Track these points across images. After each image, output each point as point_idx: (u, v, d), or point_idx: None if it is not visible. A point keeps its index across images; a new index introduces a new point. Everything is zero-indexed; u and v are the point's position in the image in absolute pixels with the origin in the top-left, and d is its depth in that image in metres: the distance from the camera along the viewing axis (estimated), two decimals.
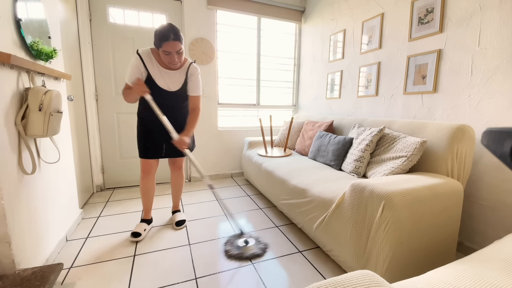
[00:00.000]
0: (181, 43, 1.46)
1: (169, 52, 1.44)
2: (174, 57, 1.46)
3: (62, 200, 1.59)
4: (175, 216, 1.90)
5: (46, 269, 1.09)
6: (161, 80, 1.56)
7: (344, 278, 0.53)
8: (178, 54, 1.47)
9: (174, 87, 1.60)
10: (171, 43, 1.41)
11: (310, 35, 3.07)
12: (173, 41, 1.41)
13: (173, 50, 1.44)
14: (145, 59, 1.52)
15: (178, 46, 1.44)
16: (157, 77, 1.55)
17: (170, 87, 1.59)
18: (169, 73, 1.57)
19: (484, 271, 0.65)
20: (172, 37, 1.40)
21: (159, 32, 1.41)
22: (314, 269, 1.38)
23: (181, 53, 1.49)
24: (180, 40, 1.45)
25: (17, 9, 1.13)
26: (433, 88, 1.70)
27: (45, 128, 1.20)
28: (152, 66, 1.54)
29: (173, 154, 1.73)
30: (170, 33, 1.40)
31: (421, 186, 1.19)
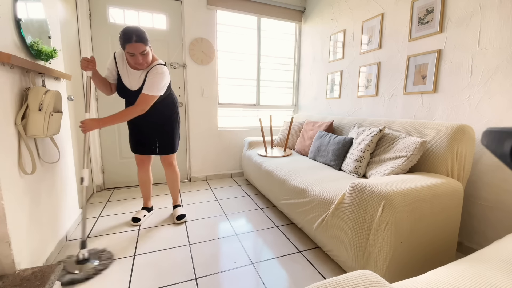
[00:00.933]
0: (145, 44, 1.49)
1: (132, 54, 1.49)
2: (139, 58, 1.51)
3: (62, 200, 1.59)
4: (176, 211, 1.97)
5: (46, 269, 1.09)
6: (126, 80, 1.65)
7: (344, 278, 0.53)
8: (142, 55, 1.51)
9: (135, 86, 1.65)
10: (133, 45, 1.45)
11: (310, 35, 3.07)
12: (135, 43, 1.45)
13: (136, 52, 1.48)
14: (117, 59, 1.63)
15: (141, 48, 1.48)
16: (124, 76, 1.64)
17: (132, 87, 1.65)
18: (133, 73, 1.63)
19: (484, 271, 0.65)
20: (134, 39, 1.44)
21: (123, 34, 1.45)
22: (314, 269, 1.38)
23: (146, 54, 1.52)
24: (143, 42, 1.48)
25: (17, 9, 1.13)
26: (433, 88, 1.70)
27: (45, 128, 1.20)
28: (122, 66, 1.63)
29: (159, 151, 1.82)
30: (133, 35, 1.44)
31: (421, 186, 1.19)
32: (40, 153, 1.34)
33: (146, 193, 1.97)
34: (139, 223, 1.86)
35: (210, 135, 2.99)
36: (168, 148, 1.83)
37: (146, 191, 1.96)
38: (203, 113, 2.91)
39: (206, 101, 2.90)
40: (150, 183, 1.95)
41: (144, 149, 1.80)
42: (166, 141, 1.82)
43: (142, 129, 1.78)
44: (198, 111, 2.88)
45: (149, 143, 1.79)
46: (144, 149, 1.80)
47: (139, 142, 1.80)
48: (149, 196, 1.98)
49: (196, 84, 2.82)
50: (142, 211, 1.95)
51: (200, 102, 2.88)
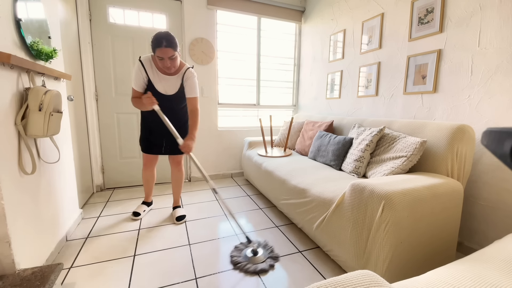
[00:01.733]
0: (174, 49, 1.56)
1: (162, 58, 1.56)
2: (167, 62, 1.57)
3: (62, 200, 1.59)
4: (176, 212, 2.00)
5: (46, 269, 1.09)
6: (159, 85, 1.71)
7: (344, 278, 0.53)
8: (170, 60, 1.58)
9: (171, 91, 1.74)
10: (163, 50, 1.52)
11: (310, 35, 3.07)
12: (165, 48, 1.52)
13: (165, 56, 1.55)
14: (146, 65, 1.67)
15: (170, 52, 1.55)
16: (156, 82, 1.70)
17: (167, 91, 1.74)
18: (166, 78, 1.71)
19: (484, 271, 0.65)
20: (164, 43, 1.52)
21: (154, 39, 1.54)
22: (314, 269, 1.38)
23: (174, 58, 1.59)
24: (172, 47, 1.55)
25: (17, 9, 1.13)
26: (433, 88, 1.69)
27: (45, 128, 1.20)
28: (152, 72, 1.69)
29: (172, 151, 1.90)
30: (163, 40, 1.51)
31: (421, 186, 1.19)
32: (40, 153, 1.34)
33: (148, 190, 2.06)
34: (139, 217, 1.95)
35: (210, 135, 2.99)
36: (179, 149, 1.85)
37: (149, 188, 2.05)
38: (203, 113, 2.91)
39: (206, 101, 2.90)
40: (154, 181, 2.05)
41: (156, 149, 1.88)
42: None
43: (157, 131, 1.84)
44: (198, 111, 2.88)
45: (162, 144, 1.87)
46: (156, 150, 1.88)
47: (152, 143, 1.86)
48: (151, 192, 2.09)
49: None
50: (142, 205, 2.05)
51: (200, 102, 2.88)
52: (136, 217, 1.94)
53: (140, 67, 1.66)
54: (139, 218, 1.95)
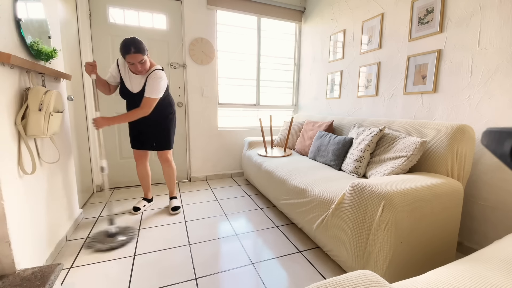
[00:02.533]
0: (143, 54, 1.66)
1: (132, 63, 1.67)
2: (138, 66, 1.69)
3: (62, 200, 1.59)
4: (171, 203, 2.14)
5: (46, 269, 1.09)
6: (128, 83, 1.84)
7: (344, 278, 0.53)
8: (140, 64, 1.69)
9: (136, 89, 1.84)
10: (132, 56, 1.63)
11: (310, 35, 3.07)
12: (133, 54, 1.62)
13: (135, 61, 1.66)
14: (120, 65, 1.83)
15: (138, 57, 1.65)
16: (126, 80, 1.83)
17: (133, 89, 1.84)
18: (134, 78, 1.82)
19: (484, 271, 0.65)
20: (132, 50, 1.62)
21: (122, 46, 1.63)
22: (314, 269, 1.38)
23: (143, 62, 1.70)
24: (140, 52, 1.65)
25: (17, 9, 1.13)
26: (433, 88, 1.69)
27: (45, 128, 1.20)
28: (124, 71, 1.82)
29: (156, 147, 1.99)
30: (131, 46, 1.61)
31: (421, 186, 1.19)
32: (40, 153, 1.34)
33: (146, 186, 2.16)
34: (139, 212, 2.05)
35: (210, 135, 2.99)
36: (164, 144, 2.00)
37: (146, 184, 2.15)
38: (203, 113, 2.91)
39: (206, 101, 2.90)
40: (148, 176, 2.14)
41: (142, 145, 1.98)
42: (163, 138, 1.98)
43: (141, 127, 1.95)
44: (198, 111, 2.88)
45: (147, 140, 1.97)
46: (142, 145, 1.98)
47: (138, 139, 1.97)
48: (148, 188, 2.17)
49: (196, 84, 2.82)
50: (143, 201, 2.15)
51: (200, 102, 2.88)
52: (136, 212, 2.04)
53: (115, 66, 1.82)
54: (139, 212, 2.05)
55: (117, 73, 1.83)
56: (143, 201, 2.15)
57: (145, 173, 2.09)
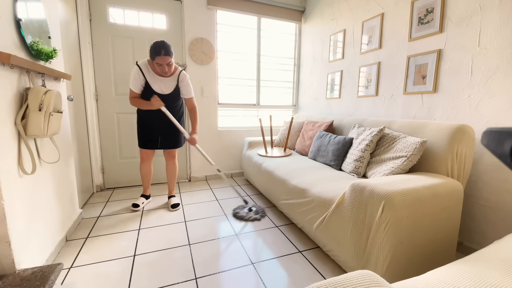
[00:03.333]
0: (171, 57, 1.78)
1: (160, 64, 1.78)
2: (165, 67, 1.80)
3: (62, 200, 1.59)
4: (171, 200, 2.21)
5: (46, 269, 1.09)
6: (156, 86, 1.91)
7: (344, 278, 0.53)
8: (168, 66, 1.81)
9: (167, 90, 1.95)
10: (162, 57, 1.74)
11: (310, 35, 3.07)
12: (163, 56, 1.74)
13: (163, 63, 1.77)
14: (143, 69, 1.87)
15: (167, 60, 1.77)
16: (153, 83, 1.90)
17: (163, 91, 1.94)
18: (162, 80, 1.92)
19: (484, 271, 0.65)
20: (163, 52, 1.73)
21: (153, 48, 1.75)
22: (314, 269, 1.38)
23: (171, 64, 1.83)
24: (169, 55, 1.77)
25: (17, 9, 1.13)
26: (433, 88, 1.69)
27: (45, 128, 1.20)
28: (149, 74, 1.89)
29: (167, 146, 2.08)
30: (162, 49, 1.73)
31: (421, 186, 1.19)
32: (40, 153, 1.34)
33: (147, 183, 2.22)
34: (138, 208, 2.11)
35: (210, 135, 2.99)
36: (174, 143, 2.09)
37: (147, 182, 2.22)
38: (203, 113, 2.91)
39: (206, 101, 2.90)
40: (151, 174, 2.22)
41: (153, 144, 2.05)
42: (174, 137, 2.08)
43: (153, 127, 2.02)
44: (198, 111, 2.88)
45: (157, 139, 2.04)
46: (153, 145, 2.05)
47: (149, 138, 2.03)
48: (148, 185, 2.25)
49: (196, 84, 2.82)
50: (141, 198, 2.20)
51: (200, 102, 2.88)
52: (135, 208, 2.10)
53: (138, 71, 1.86)
54: (138, 209, 2.11)
55: (142, 77, 1.87)
56: (142, 198, 2.21)
57: (149, 171, 2.18)
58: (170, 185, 2.24)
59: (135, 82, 1.87)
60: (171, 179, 2.22)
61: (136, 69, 1.86)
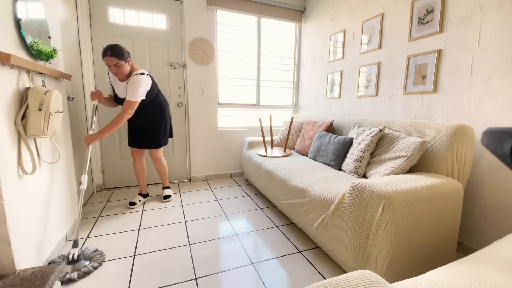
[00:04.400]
0: (118, 58, 1.77)
1: (108, 66, 1.80)
2: (113, 69, 1.81)
3: (62, 200, 1.59)
4: (164, 192, 2.36)
5: (46, 269, 1.09)
6: (117, 89, 2.00)
7: (344, 278, 0.53)
8: (116, 67, 1.80)
9: (122, 94, 1.98)
10: (107, 58, 1.76)
11: (310, 35, 3.07)
12: (109, 57, 1.75)
13: (110, 63, 1.78)
14: (110, 74, 1.99)
15: (113, 61, 1.77)
16: (116, 87, 1.99)
17: (121, 95, 1.99)
18: (120, 84, 1.96)
19: (484, 271, 0.65)
20: (108, 53, 1.75)
21: (102, 50, 1.80)
22: (314, 269, 1.38)
23: (119, 66, 1.80)
24: (116, 56, 1.76)
25: (17, 9, 1.13)
26: (433, 88, 1.69)
27: (45, 128, 1.19)
28: (113, 78, 1.98)
29: (146, 145, 2.15)
30: (108, 50, 1.75)
31: (421, 186, 1.19)
32: (40, 153, 1.34)
33: (142, 181, 2.28)
34: (135, 206, 2.17)
35: (210, 135, 2.99)
36: (153, 144, 2.16)
37: (142, 180, 2.28)
38: (203, 113, 2.91)
39: (206, 101, 2.90)
40: (144, 172, 2.27)
41: (135, 143, 2.15)
42: (152, 138, 2.14)
43: (135, 127, 2.13)
44: (198, 111, 2.88)
45: (138, 139, 2.14)
46: (135, 143, 2.15)
47: (132, 137, 2.15)
48: (144, 184, 2.30)
49: (196, 84, 2.82)
50: (138, 196, 2.26)
51: (200, 102, 2.88)
52: (132, 206, 2.16)
53: (107, 73, 2.01)
54: (135, 207, 2.17)
55: (108, 80, 2.01)
56: (139, 196, 2.26)
57: (141, 168, 2.23)
58: (161, 178, 2.39)
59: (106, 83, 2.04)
60: (160, 175, 2.36)
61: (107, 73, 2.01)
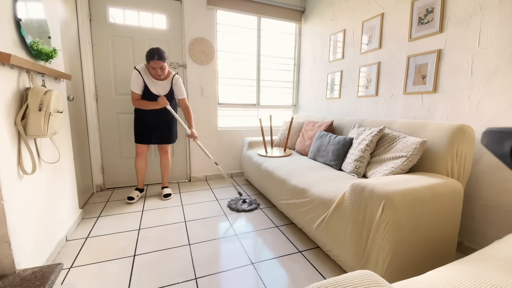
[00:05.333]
0: (163, 61, 2.01)
1: (154, 68, 2.01)
2: (158, 71, 2.04)
3: (62, 200, 1.59)
4: (163, 191, 2.42)
5: (46, 269, 1.09)
6: (153, 88, 2.15)
7: (344, 278, 0.53)
8: (161, 69, 2.04)
9: (163, 92, 2.20)
10: (155, 62, 1.98)
11: (310, 35, 3.07)
12: (156, 60, 1.98)
13: (157, 66, 2.01)
14: (142, 72, 2.11)
15: (160, 64, 2.01)
16: (150, 85, 2.14)
17: (159, 92, 2.19)
18: (158, 82, 2.16)
19: (484, 271, 0.65)
20: (156, 57, 1.97)
21: (148, 53, 1.99)
22: (314, 269, 1.38)
23: (164, 68, 2.05)
24: (162, 59, 2.00)
25: (17, 9, 1.13)
26: (433, 88, 1.70)
27: (45, 128, 1.20)
28: (147, 77, 2.13)
29: (161, 141, 2.29)
30: (155, 54, 1.97)
31: (421, 186, 1.19)
32: (40, 153, 1.34)
33: (141, 177, 2.38)
34: (134, 201, 2.27)
35: (210, 135, 2.99)
36: (167, 139, 2.31)
37: (142, 176, 2.38)
38: (203, 113, 2.91)
39: (206, 101, 2.90)
40: (145, 169, 2.38)
41: (147, 139, 2.23)
42: (168, 133, 2.31)
43: (149, 123, 2.22)
44: (198, 111, 2.88)
45: (152, 135, 2.24)
46: (147, 140, 2.23)
47: (144, 134, 2.23)
48: (143, 180, 2.41)
49: (196, 84, 2.82)
50: (136, 191, 2.35)
51: (200, 102, 2.88)
52: (130, 201, 2.24)
53: (138, 74, 2.09)
54: (134, 202, 2.26)
55: (142, 81, 2.12)
56: (136, 191, 2.35)
57: (144, 165, 2.35)
58: (163, 177, 2.45)
59: (136, 84, 2.10)
60: (164, 172, 2.43)
61: (135, 72, 2.09)
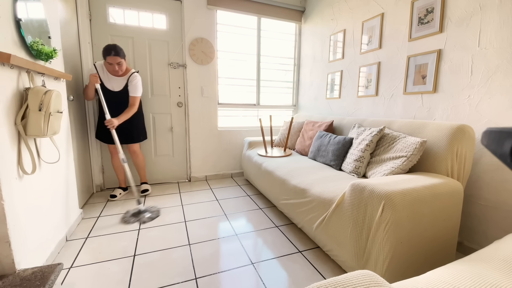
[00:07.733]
0: (120, 57, 2.02)
1: (111, 63, 2.03)
2: (115, 66, 2.05)
3: (62, 200, 1.59)
4: (141, 186, 2.52)
5: (46, 269, 1.09)
6: (108, 83, 2.17)
7: (344, 278, 0.53)
8: (118, 65, 2.05)
9: (118, 88, 2.19)
10: (112, 57, 1.99)
11: (310, 35, 3.07)
12: (113, 56, 1.99)
13: (113, 62, 2.02)
14: (98, 69, 2.14)
15: (117, 59, 2.01)
16: (106, 81, 2.16)
17: (114, 88, 2.19)
18: (114, 78, 2.17)
19: (484, 271, 0.65)
20: (113, 53, 1.98)
21: (104, 49, 1.99)
22: (314, 269, 1.38)
23: (121, 64, 2.06)
24: (118, 55, 2.01)
25: (17, 9, 1.13)
26: (433, 88, 1.70)
27: (45, 128, 1.20)
28: (103, 73, 2.15)
29: (124, 141, 2.28)
30: (112, 50, 1.98)
31: (421, 186, 1.19)
32: (40, 153, 1.34)
33: (121, 176, 2.43)
34: (116, 199, 2.33)
35: (210, 135, 2.99)
36: (140, 137, 2.37)
37: (121, 175, 2.43)
38: (203, 113, 2.91)
39: (206, 101, 2.90)
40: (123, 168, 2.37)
41: (122, 139, 2.23)
42: (139, 131, 2.35)
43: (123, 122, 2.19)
44: (198, 111, 2.88)
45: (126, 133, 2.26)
46: (122, 139, 2.23)
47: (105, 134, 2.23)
48: (123, 179, 2.46)
49: (196, 84, 2.82)
50: (119, 189, 2.42)
51: (200, 102, 2.88)
52: (112, 199, 2.32)
53: (93, 69, 2.15)
54: (116, 199, 2.32)
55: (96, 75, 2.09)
56: (119, 190, 2.42)
57: (119, 164, 2.38)
58: (139, 173, 2.52)
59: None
60: (138, 170, 2.49)
61: (92, 68, 2.18)
